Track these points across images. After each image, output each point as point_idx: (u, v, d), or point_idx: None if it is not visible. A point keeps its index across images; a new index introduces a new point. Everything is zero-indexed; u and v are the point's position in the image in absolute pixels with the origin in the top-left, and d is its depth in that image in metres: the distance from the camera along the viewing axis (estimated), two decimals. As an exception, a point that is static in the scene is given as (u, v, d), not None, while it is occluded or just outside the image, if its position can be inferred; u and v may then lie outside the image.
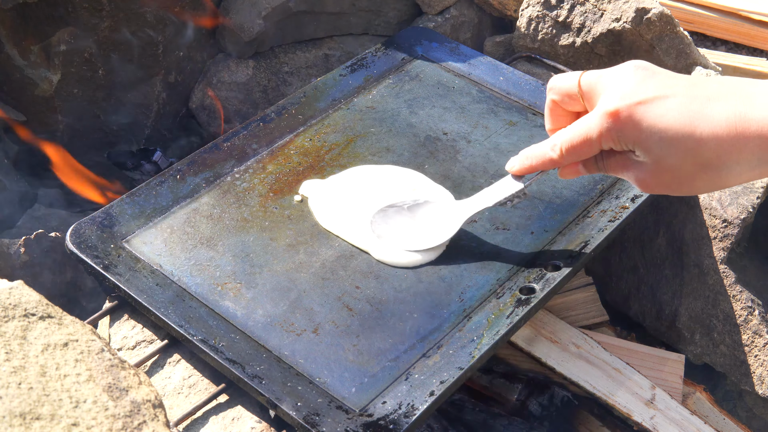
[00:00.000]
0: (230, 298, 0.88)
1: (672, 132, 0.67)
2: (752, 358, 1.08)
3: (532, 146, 0.81)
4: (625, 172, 0.74)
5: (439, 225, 0.93)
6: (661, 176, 0.71)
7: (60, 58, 1.23)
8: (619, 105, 0.69)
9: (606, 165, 0.76)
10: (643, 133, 0.69)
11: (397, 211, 0.96)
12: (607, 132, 0.71)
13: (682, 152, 0.68)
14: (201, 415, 0.80)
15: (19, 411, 0.57)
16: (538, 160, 0.80)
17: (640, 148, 0.70)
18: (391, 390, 0.79)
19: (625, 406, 0.97)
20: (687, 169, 0.69)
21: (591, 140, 0.73)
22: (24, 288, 0.67)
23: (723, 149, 0.66)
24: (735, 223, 1.06)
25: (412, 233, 0.94)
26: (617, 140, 0.71)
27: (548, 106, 0.80)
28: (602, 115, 0.71)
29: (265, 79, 1.38)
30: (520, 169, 0.84)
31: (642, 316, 1.18)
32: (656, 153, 0.69)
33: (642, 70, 0.71)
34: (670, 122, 0.67)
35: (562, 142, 0.76)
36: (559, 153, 0.76)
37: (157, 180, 0.99)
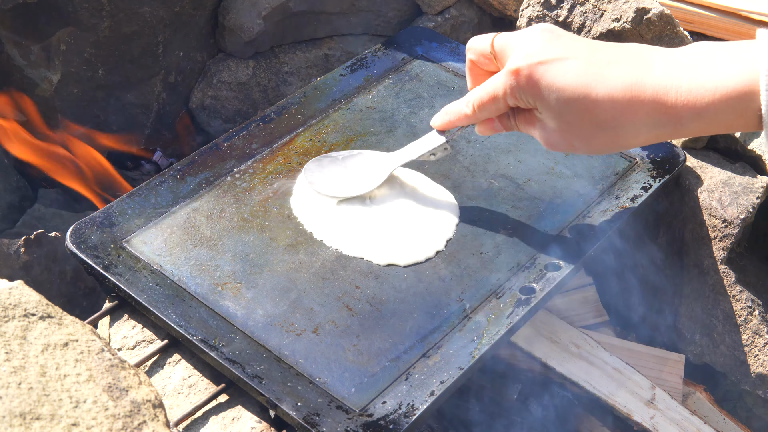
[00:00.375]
0: (230, 298, 0.88)
1: (569, 91, 0.72)
2: (752, 358, 1.08)
3: (452, 103, 0.87)
4: (531, 129, 0.79)
5: (369, 174, 0.98)
6: (563, 134, 0.76)
7: (60, 58, 1.23)
8: (521, 64, 0.74)
9: (517, 122, 0.81)
10: (542, 91, 0.73)
11: (331, 161, 1.00)
12: (510, 89, 0.76)
13: (578, 111, 0.72)
14: (201, 415, 0.80)
15: (19, 411, 0.57)
16: (456, 116, 0.87)
17: (540, 105, 0.75)
18: (391, 390, 0.79)
19: (625, 406, 0.97)
20: (585, 127, 0.73)
21: (498, 97, 0.78)
22: (24, 288, 0.67)
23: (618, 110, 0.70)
24: (735, 223, 1.06)
25: (342, 181, 0.98)
26: (519, 97, 0.76)
27: (467, 66, 0.86)
28: (506, 73, 0.76)
29: (265, 79, 1.38)
30: (441, 124, 0.90)
31: (642, 316, 1.18)
32: (555, 111, 0.74)
33: (548, 33, 0.77)
34: (568, 82, 0.72)
35: (474, 99, 0.82)
36: (472, 109, 0.83)
37: (157, 180, 0.99)
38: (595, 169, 1.06)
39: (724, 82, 0.67)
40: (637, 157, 1.07)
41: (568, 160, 1.07)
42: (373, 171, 0.99)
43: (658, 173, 1.04)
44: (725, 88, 0.67)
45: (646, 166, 1.06)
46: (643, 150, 1.08)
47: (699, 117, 0.69)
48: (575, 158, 1.07)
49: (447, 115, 0.88)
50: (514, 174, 1.04)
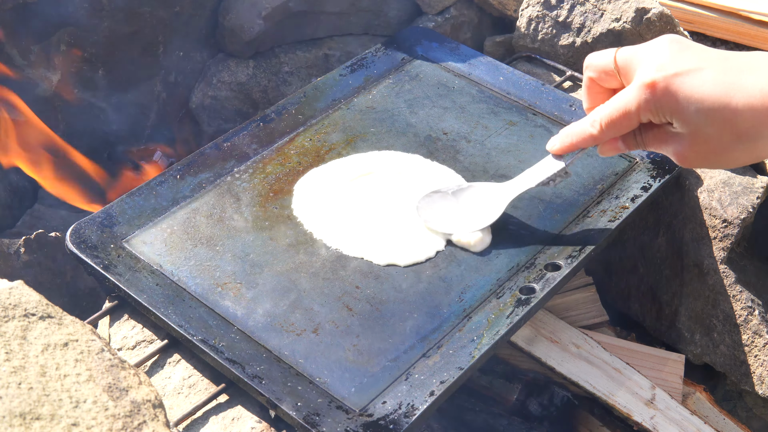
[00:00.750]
0: (230, 298, 0.88)
1: (709, 102, 0.69)
2: (752, 358, 1.08)
3: (572, 124, 0.83)
4: (664, 146, 0.75)
5: (484, 208, 0.94)
6: (699, 148, 0.72)
7: (60, 58, 1.23)
8: (656, 76, 0.71)
9: (644, 139, 0.77)
10: (681, 103, 0.70)
11: (441, 196, 0.96)
12: (645, 103, 0.72)
13: (719, 122, 0.69)
14: (201, 415, 0.80)
15: (19, 411, 0.57)
16: (578, 137, 0.81)
17: (677, 119, 0.71)
18: (391, 390, 0.79)
19: (625, 406, 0.97)
20: (724, 139, 0.70)
21: (630, 113, 0.74)
22: (24, 288, 0.67)
23: (758, 119, 0.67)
24: (735, 223, 1.06)
25: (457, 217, 0.94)
26: (655, 111, 0.72)
27: (585, 84, 0.82)
28: (640, 87, 0.72)
29: (265, 79, 1.38)
30: (561, 148, 0.85)
31: (642, 316, 1.18)
32: (694, 123, 0.70)
33: (676, 44, 0.73)
34: (707, 92, 0.69)
35: (602, 117, 0.77)
36: (599, 128, 0.78)
37: (157, 180, 0.99)
38: (595, 169, 1.06)
39: None
40: (637, 157, 1.07)
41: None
42: (489, 203, 0.94)
43: (658, 173, 1.04)
44: None
45: (646, 166, 1.06)
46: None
47: None
48: (575, 158, 1.07)
49: (568, 138, 0.83)
50: (514, 174, 1.04)
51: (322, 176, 1.02)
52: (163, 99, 1.36)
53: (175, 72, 1.35)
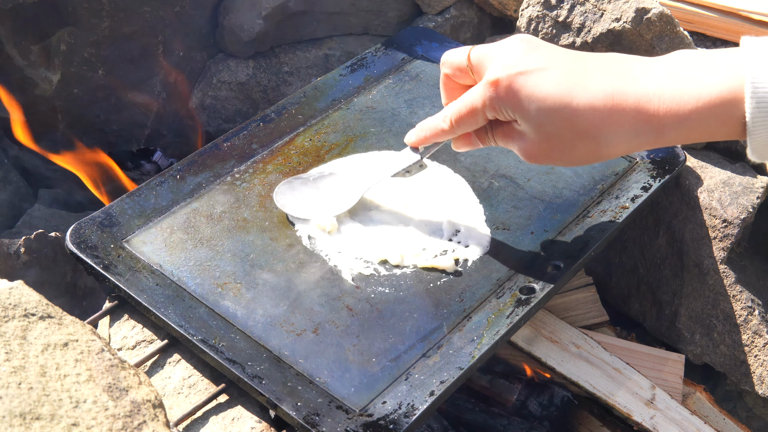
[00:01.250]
0: (230, 298, 0.88)
1: (550, 101, 0.71)
2: (752, 358, 1.08)
3: (428, 119, 0.85)
4: (510, 142, 0.78)
5: (341, 196, 0.96)
6: (542, 145, 0.74)
7: (60, 58, 1.23)
8: (500, 75, 0.73)
9: (494, 135, 0.80)
10: (522, 101, 0.72)
11: (302, 182, 0.99)
12: (489, 101, 0.74)
13: (559, 121, 0.71)
14: (201, 415, 0.80)
15: (19, 411, 0.57)
16: (432, 132, 0.84)
17: (519, 117, 0.73)
18: (391, 390, 0.79)
19: (625, 406, 0.97)
20: (566, 137, 0.72)
21: (476, 110, 0.76)
22: (24, 288, 0.67)
23: (599, 119, 0.69)
24: (735, 223, 1.07)
25: (314, 203, 0.96)
26: (498, 108, 0.74)
27: (442, 81, 0.84)
28: (485, 85, 0.74)
29: (265, 79, 1.38)
30: (416, 141, 0.88)
31: (642, 316, 1.18)
32: (535, 121, 0.72)
33: (526, 43, 0.75)
34: (548, 92, 0.71)
35: (452, 113, 0.80)
36: (449, 124, 0.81)
37: (157, 180, 0.99)
38: (595, 169, 1.06)
39: (707, 89, 0.66)
40: (637, 157, 1.07)
41: (568, 160, 1.07)
42: (346, 192, 0.96)
43: (658, 173, 1.04)
44: (709, 95, 0.66)
45: (646, 166, 1.06)
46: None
47: (681, 124, 0.68)
48: (575, 158, 1.07)
49: (423, 131, 0.86)
50: (514, 174, 1.04)
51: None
52: (163, 99, 1.36)
53: (175, 72, 1.35)
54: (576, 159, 0.75)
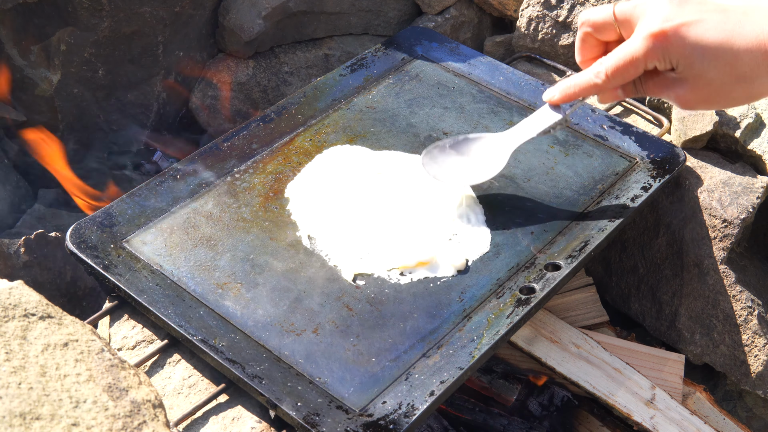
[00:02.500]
0: (230, 298, 0.88)
1: (713, 48, 0.76)
2: (752, 358, 1.08)
3: (573, 76, 0.87)
4: (666, 91, 0.81)
5: (488, 159, 0.96)
6: (701, 90, 0.78)
7: (60, 58, 1.23)
8: (665, 26, 0.77)
9: (645, 86, 0.83)
10: (687, 49, 0.76)
11: (440, 150, 0.98)
12: (653, 51, 0.78)
13: (721, 65, 0.76)
14: (201, 415, 0.80)
15: (19, 411, 0.57)
16: (581, 87, 0.86)
17: (683, 64, 0.77)
18: (391, 390, 0.79)
19: (625, 406, 0.97)
20: (725, 81, 0.77)
21: (637, 60, 0.80)
22: (24, 288, 0.67)
23: (756, 61, 0.75)
24: (735, 223, 1.07)
25: (463, 169, 0.96)
26: (662, 58, 0.78)
27: (580, 38, 0.87)
28: (647, 37, 0.78)
29: (265, 79, 1.38)
30: (561, 97, 0.89)
31: (642, 316, 1.18)
32: (698, 68, 0.77)
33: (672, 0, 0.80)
34: (711, 39, 0.76)
35: (607, 67, 0.82)
36: (605, 77, 0.83)
37: (157, 180, 0.99)
38: (595, 169, 1.06)
39: None
40: (637, 157, 1.07)
41: (568, 160, 1.07)
42: (492, 154, 0.96)
43: (658, 173, 1.04)
44: None
45: (646, 166, 1.06)
46: (643, 150, 1.08)
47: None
48: (575, 158, 1.07)
49: (571, 87, 0.88)
50: (514, 174, 1.04)
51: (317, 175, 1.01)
52: (163, 99, 1.36)
53: (175, 72, 1.35)
54: (731, 102, 0.80)
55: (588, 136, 1.11)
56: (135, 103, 1.34)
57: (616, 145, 1.09)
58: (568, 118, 0.91)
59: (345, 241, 0.93)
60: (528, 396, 1.04)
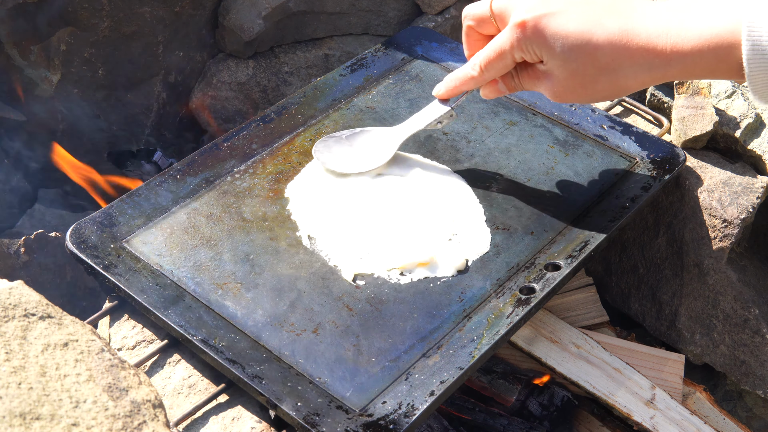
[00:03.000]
0: (230, 298, 0.88)
1: (572, 38, 0.78)
2: (752, 358, 1.08)
3: (454, 71, 0.91)
4: (537, 83, 0.84)
5: (377, 150, 1.01)
6: (567, 81, 0.81)
7: (60, 58, 1.23)
8: (526, 16, 0.80)
9: (521, 79, 0.86)
10: (548, 40, 0.79)
11: (336, 140, 1.03)
12: (517, 42, 0.81)
13: (582, 56, 0.78)
14: (201, 415, 0.80)
15: (19, 411, 0.57)
16: (461, 80, 0.90)
17: (546, 55, 0.80)
18: (391, 390, 0.79)
19: (625, 406, 0.97)
20: (588, 72, 0.79)
21: (504, 52, 0.83)
22: (24, 288, 0.67)
23: (617, 54, 0.77)
24: (735, 223, 1.07)
25: (351, 158, 1.01)
26: (526, 49, 0.81)
27: (465, 32, 0.90)
28: (511, 28, 0.81)
29: (265, 79, 1.38)
30: (446, 92, 0.94)
31: (642, 316, 1.18)
32: (560, 58, 0.79)
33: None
34: (571, 30, 0.78)
35: (481, 60, 0.86)
36: (479, 70, 0.86)
37: (157, 180, 0.99)
38: (595, 169, 1.06)
39: (708, 29, 0.74)
40: (637, 157, 1.07)
41: (568, 160, 1.07)
42: (381, 146, 1.01)
43: (658, 173, 1.04)
44: (709, 35, 0.74)
45: (646, 166, 1.06)
46: (643, 150, 1.08)
47: (684, 60, 0.76)
48: (575, 158, 1.07)
49: (452, 82, 0.91)
50: (514, 174, 1.04)
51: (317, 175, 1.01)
52: (163, 99, 1.36)
53: (175, 72, 1.35)
54: (598, 94, 0.82)
55: (588, 136, 1.11)
56: (135, 103, 1.34)
57: (616, 145, 1.09)
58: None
59: (345, 241, 0.93)
60: (528, 396, 1.04)
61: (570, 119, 1.12)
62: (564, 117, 1.13)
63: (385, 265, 0.91)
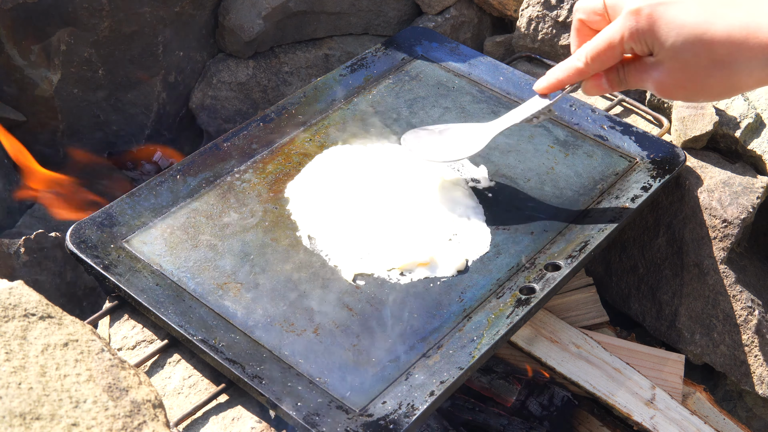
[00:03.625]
0: (230, 298, 0.88)
1: (688, 28, 0.74)
2: (752, 358, 1.08)
3: (559, 63, 0.86)
4: (644, 76, 0.79)
5: (467, 141, 0.97)
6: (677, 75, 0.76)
7: (60, 58, 1.23)
8: (641, 4, 0.76)
9: (626, 74, 0.81)
10: (662, 28, 0.74)
11: (428, 132, 1.00)
12: (629, 31, 0.77)
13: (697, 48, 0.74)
14: (201, 415, 0.80)
15: (19, 411, 0.57)
16: (565, 73, 0.85)
17: (658, 44, 0.75)
18: (391, 390, 0.79)
19: (625, 406, 0.97)
20: (701, 65, 0.74)
21: (614, 43, 0.78)
22: (24, 288, 0.67)
23: (735, 48, 0.73)
24: (735, 223, 1.07)
25: (442, 148, 0.98)
26: (638, 39, 0.76)
27: (575, 27, 0.86)
28: (625, 16, 0.77)
29: (265, 79, 1.38)
30: (548, 85, 0.89)
31: (642, 316, 1.18)
32: (672, 50, 0.75)
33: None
34: (687, 20, 0.74)
35: (587, 51, 0.81)
36: (585, 61, 0.82)
37: (157, 180, 0.99)
38: (595, 169, 1.06)
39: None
40: (637, 157, 1.07)
41: (568, 160, 1.07)
42: (473, 138, 0.97)
43: (658, 173, 1.04)
44: None
45: (646, 166, 1.06)
46: (643, 150, 1.08)
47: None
48: (575, 158, 1.07)
49: (555, 74, 0.87)
50: (514, 174, 1.04)
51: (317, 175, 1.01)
52: (163, 99, 1.36)
53: (175, 72, 1.35)
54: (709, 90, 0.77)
55: (588, 136, 1.11)
56: (135, 103, 1.34)
57: (616, 145, 1.09)
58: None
59: (345, 241, 0.93)
60: (528, 396, 1.04)
61: (570, 119, 1.12)
62: (564, 117, 1.13)
63: (385, 265, 0.91)
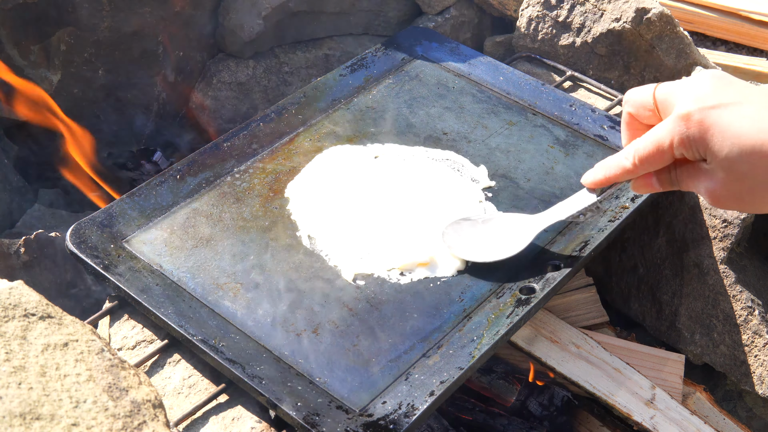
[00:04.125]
0: (230, 298, 0.88)
1: (745, 138, 0.65)
2: (752, 358, 1.08)
3: (608, 157, 0.79)
4: (697, 182, 0.71)
5: (510, 238, 0.92)
6: (732, 186, 0.68)
7: (60, 58, 1.23)
8: (692, 108, 0.67)
9: (678, 176, 0.73)
10: (715, 137, 0.66)
11: (471, 224, 0.95)
12: (679, 136, 0.69)
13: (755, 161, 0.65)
14: (201, 415, 0.80)
15: (19, 411, 0.57)
16: (612, 171, 0.77)
17: (711, 154, 0.67)
18: (391, 390, 0.79)
19: (625, 406, 0.97)
20: (760, 179, 0.66)
21: (663, 147, 0.70)
22: (24, 288, 0.67)
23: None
24: (735, 223, 1.07)
25: (481, 245, 0.93)
26: (689, 145, 0.68)
27: (624, 120, 0.78)
28: (674, 120, 0.69)
29: (265, 79, 1.38)
30: (595, 182, 0.81)
31: (642, 316, 1.18)
32: (728, 159, 0.66)
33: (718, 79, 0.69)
34: (744, 128, 0.65)
35: (636, 151, 0.73)
36: (632, 162, 0.74)
37: (157, 180, 0.99)
38: (595, 169, 1.06)
39: None
40: (637, 157, 1.07)
41: (568, 160, 1.07)
42: (516, 233, 0.92)
43: (658, 173, 1.04)
44: None
45: (646, 166, 1.06)
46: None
47: None
48: (575, 158, 1.07)
49: (602, 170, 0.79)
50: (514, 174, 1.04)
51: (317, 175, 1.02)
52: (163, 99, 1.36)
53: (175, 72, 1.35)
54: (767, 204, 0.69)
55: (588, 136, 1.11)
56: (135, 103, 1.34)
57: (617, 145, 1.09)
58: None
59: (345, 241, 0.93)
60: (528, 396, 1.04)
61: (570, 119, 1.12)
62: (564, 117, 1.13)
63: (385, 265, 0.91)
